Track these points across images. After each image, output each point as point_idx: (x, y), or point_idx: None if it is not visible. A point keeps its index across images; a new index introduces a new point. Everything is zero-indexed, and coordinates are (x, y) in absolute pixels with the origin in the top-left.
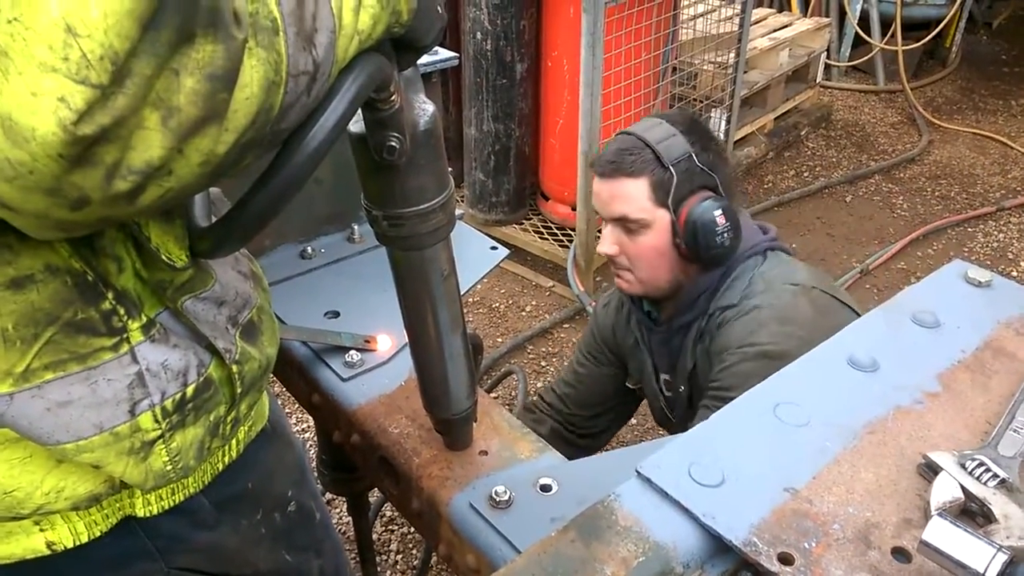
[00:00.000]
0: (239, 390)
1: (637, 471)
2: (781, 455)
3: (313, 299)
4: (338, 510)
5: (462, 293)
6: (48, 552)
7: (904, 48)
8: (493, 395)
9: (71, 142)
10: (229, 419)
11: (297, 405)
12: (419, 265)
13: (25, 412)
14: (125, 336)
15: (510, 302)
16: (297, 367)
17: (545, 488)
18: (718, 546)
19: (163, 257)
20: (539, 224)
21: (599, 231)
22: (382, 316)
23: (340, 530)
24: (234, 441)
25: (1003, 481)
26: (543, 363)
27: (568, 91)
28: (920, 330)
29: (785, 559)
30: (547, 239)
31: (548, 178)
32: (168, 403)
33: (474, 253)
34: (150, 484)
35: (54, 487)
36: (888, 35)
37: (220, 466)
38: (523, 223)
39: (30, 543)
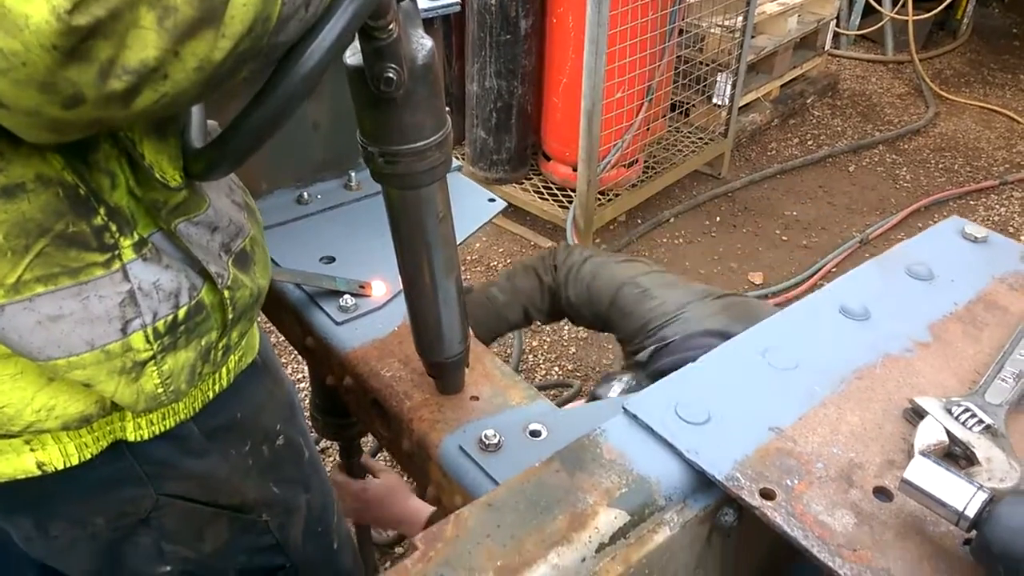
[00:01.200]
0: (230, 316)
1: (624, 408)
2: (768, 397)
3: (308, 244)
4: (332, 458)
5: (458, 243)
6: (38, 472)
7: (915, 18)
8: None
9: (65, 32)
10: (220, 345)
11: (293, 355)
12: (414, 205)
13: (16, 325)
14: (117, 253)
15: (508, 261)
16: (291, 310)
17: (535, 433)
18: (701, 481)
19: (157, 175)
20: (539, 184)
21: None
22: (378, 263)
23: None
24: (224, 370)
25: (988, 427)
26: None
27: (573, 49)
28: (914, 282)
29: (767, 494)
30: (547, 199)
31: (550, 137)
32: (160, 324)
33: (471, 204)
34: (141, 406)
35: (44, 405)
36: (899, 5)
37: (211, 394)
38: (523, 183)
39: (21, 463)
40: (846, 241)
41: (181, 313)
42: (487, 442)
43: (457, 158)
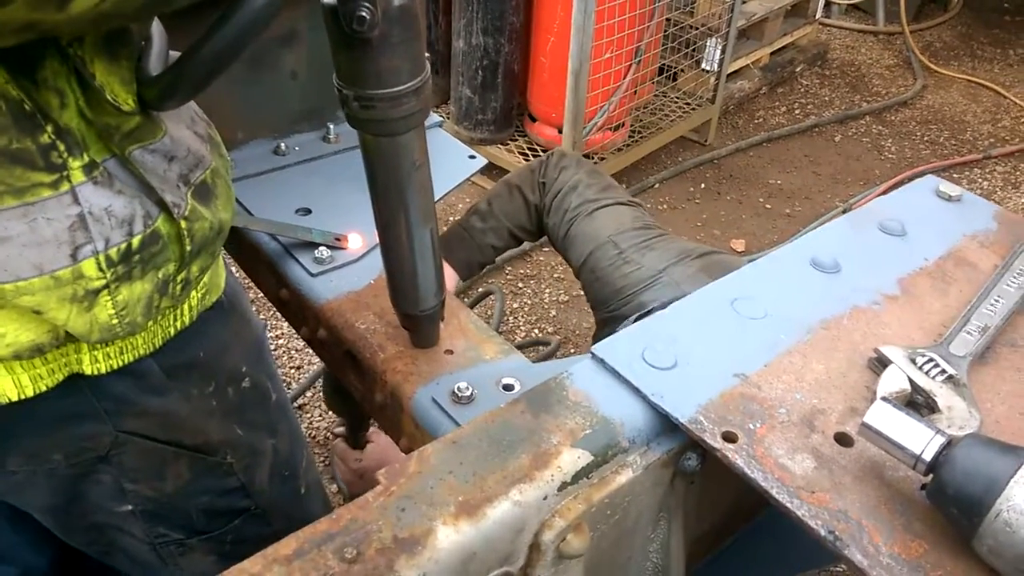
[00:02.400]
0: (188, 248)
1: (592, 352)
2: (734, 344)
3: (285, 195)
4: (309, 415)
5: (438, 199)
6: None
7: None
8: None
9: None
10: (179, 279)
11: (272, 311)
12: (390, 152)
13: None
14: (65, 174)
15: None
16: (266, 262)
17: (508, 387)
18: (665, 425)
19: (108, 97)
20: (524, 146)
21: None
22: (355, 216)
23: (311, 435)
24: (186, 306)
25: (950, 377)
26: (520, 284)
27: (561, 7)
28: (885, 237)
29: (729, 437)
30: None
31: (536, 98)
32: (113, 252)
33: (451, 160)
34: (95, 336)
35: None
36: None
37: (172, 331)
38: (508, 144)
39: None
40: (829, 211)
41: (135, 242)
42: (460, 395)
43: (442, 116)
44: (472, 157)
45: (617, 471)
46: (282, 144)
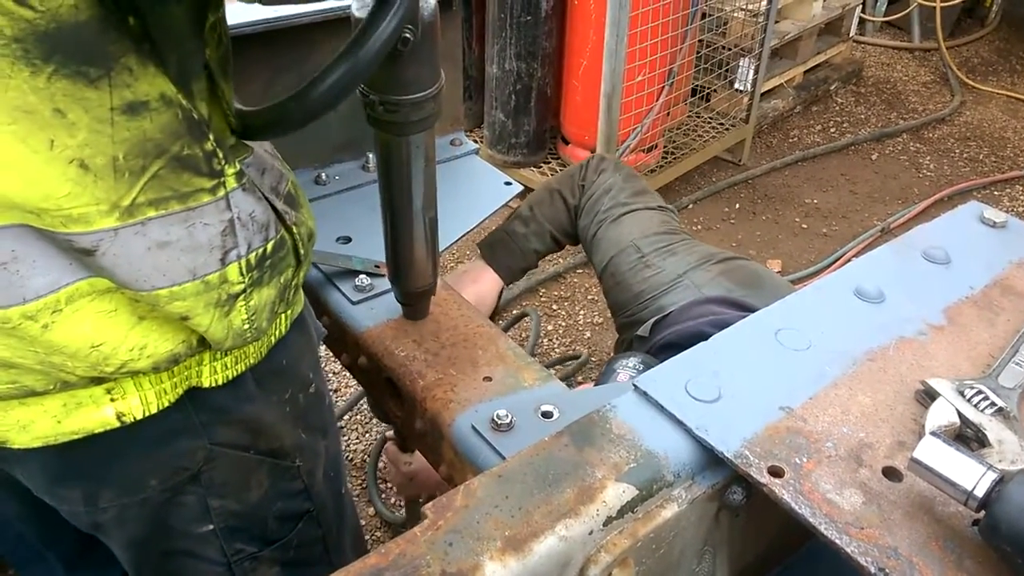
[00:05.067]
0: (302, 252)
1: (634, 385)
2: (779, 376)
3: (325, 224)
4: (347, 438)
5: (474, 226)
6: (116, 424)
7: (943, 5)
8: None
9: None
10: (294, 284)
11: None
12: (406, 150)
13: (127, 251)
14: (222, 180)
15: None
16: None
17: (547, 415)
18: (710, 459)
19: (226, 112)
20: (557, 168)
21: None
22: None
23: (349, 458)
24: (284, 316)
25: (1000, 409)
26: (555, 307)
27: (594, 31)
28: (930, 265)
29: (775, 472)
30: None
31: (569, 121)
32: (252, 256)
33: (488, 187)
34: (228, 343)
35: (137, 344)
36: None
37: (273, 339)
38: (541, 166)
39: (99, 415)
40: (867, 230)
41: (269, 246)
42: (499, 422)
43: (475, 141)
44: (508, 184)
45: (662, 505)
46: (323, 173)
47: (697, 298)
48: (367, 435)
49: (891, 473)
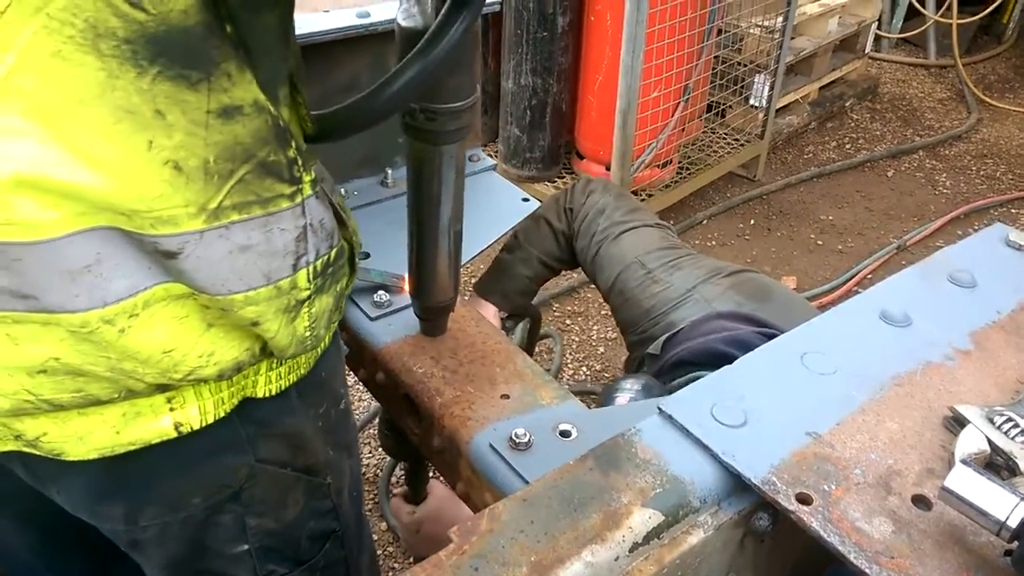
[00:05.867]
0: (356, 261)
1: (659, 408)
2: (805, 401)
3: None
4: (359, 452)
5: (491, 243)
6: (173, 435)
7: (959, 22)
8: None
9: None
10: (346, 293)
11: None
12: (439, 160)
13: (209, 254)
14: (300, 187)
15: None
16: None
17: (565, 434)
18: (736, 484)
19: (303, 116)
20: (572, 183)
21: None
22: None
23: (363, 472)
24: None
25: None
26: (568, 321)
27: (610, 47)
28: (956, 289)
29: (803, 499)
30: None
31: (584, 136)
32: (319, 263)
33: (505, 203)
34: (291, 350)
35: (206, 350)
36: (943, 8)
37: (319, 351)
38: (556, 181)
39: (158, 425)
40: (883, 247)
41: (333, 254)
42: (517, 440)
43: (490, 155)
44: (526, 200)
45: (688, 531)
46: (342, 189)
47: (708, 313)
48: (378, 450)
49: (921, 501)
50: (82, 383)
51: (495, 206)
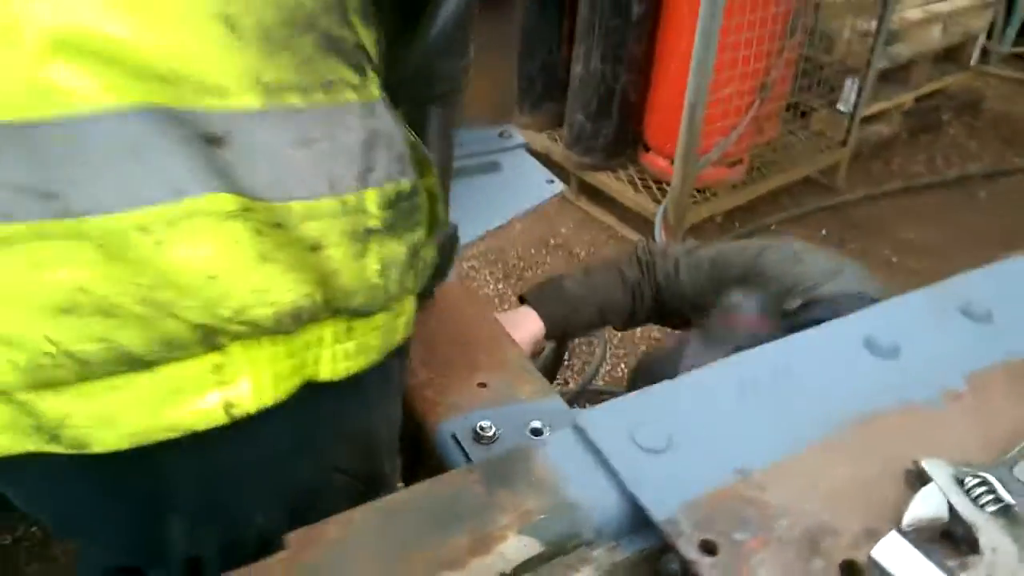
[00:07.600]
0: (437, 213)
1: (575, 422)
2: (745, 431)
3: None
4: None
5: (507, 221)
6: (224, 418)
7: None
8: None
9: None
10: (423, 253)
11: None
12: (443, 121)
13: (271, 141)
14: (366, 80)
15: (592, 250)
16: None
17: (536, 432)
18: (642, 519)
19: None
20: (635, 174)
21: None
22: None
23: None
24: (403, 320)
25: (1006, 508)
26: None
27: (685, 39)
28: (965, 322)
29: (708, 547)
30: (640, 191)
31: (652, 128)
32: (390, 188)
33: (527, 181)
34: (359, 297)
35: (260, 285)
36: None
37: (397, 338)
38: (618, 171)
39: (203, 404)
40: (961, 272)
41: (405, 185)
42: (482, 433)
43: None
44: (551, 182)
45: (575, 567)
46: None
47: (853, 290)
48: None
49: (850, 569)
50: (112, 327)
51: (517, 184)
